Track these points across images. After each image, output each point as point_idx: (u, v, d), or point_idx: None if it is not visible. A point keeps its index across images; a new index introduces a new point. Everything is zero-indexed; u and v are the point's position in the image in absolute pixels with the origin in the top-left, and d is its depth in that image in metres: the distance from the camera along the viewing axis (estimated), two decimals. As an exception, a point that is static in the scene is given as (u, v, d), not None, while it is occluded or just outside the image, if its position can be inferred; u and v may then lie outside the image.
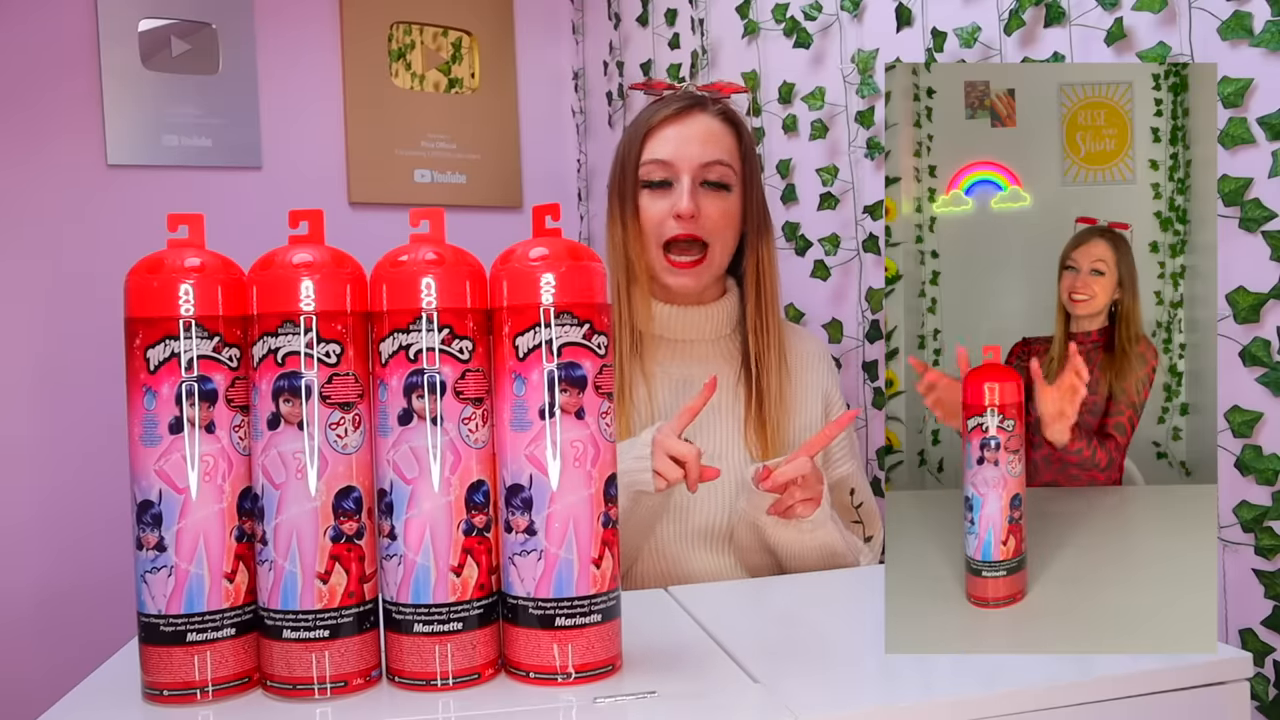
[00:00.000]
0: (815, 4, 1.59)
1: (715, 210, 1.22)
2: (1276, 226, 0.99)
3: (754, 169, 1.27)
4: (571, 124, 2.49)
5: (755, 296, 1.26)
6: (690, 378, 1.24)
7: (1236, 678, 0.71)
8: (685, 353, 1.26)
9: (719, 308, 1.28)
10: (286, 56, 2.24)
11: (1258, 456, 1.01)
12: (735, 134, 1.25)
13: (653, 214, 1.22)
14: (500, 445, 0.72)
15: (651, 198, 1.23)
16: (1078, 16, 1.17)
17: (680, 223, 1.20)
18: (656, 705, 0.67)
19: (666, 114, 1.23)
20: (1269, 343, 1.00)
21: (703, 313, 1.27)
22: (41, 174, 2.04)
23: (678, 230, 1.21)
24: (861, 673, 0.74)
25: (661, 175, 1.22)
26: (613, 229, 1.25)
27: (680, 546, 1.18)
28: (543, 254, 0.71)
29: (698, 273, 1.23)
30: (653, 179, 1.22)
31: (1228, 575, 1.04)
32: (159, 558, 0.69)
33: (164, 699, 0.70)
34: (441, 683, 0.70)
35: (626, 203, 1.24)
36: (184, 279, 0.69)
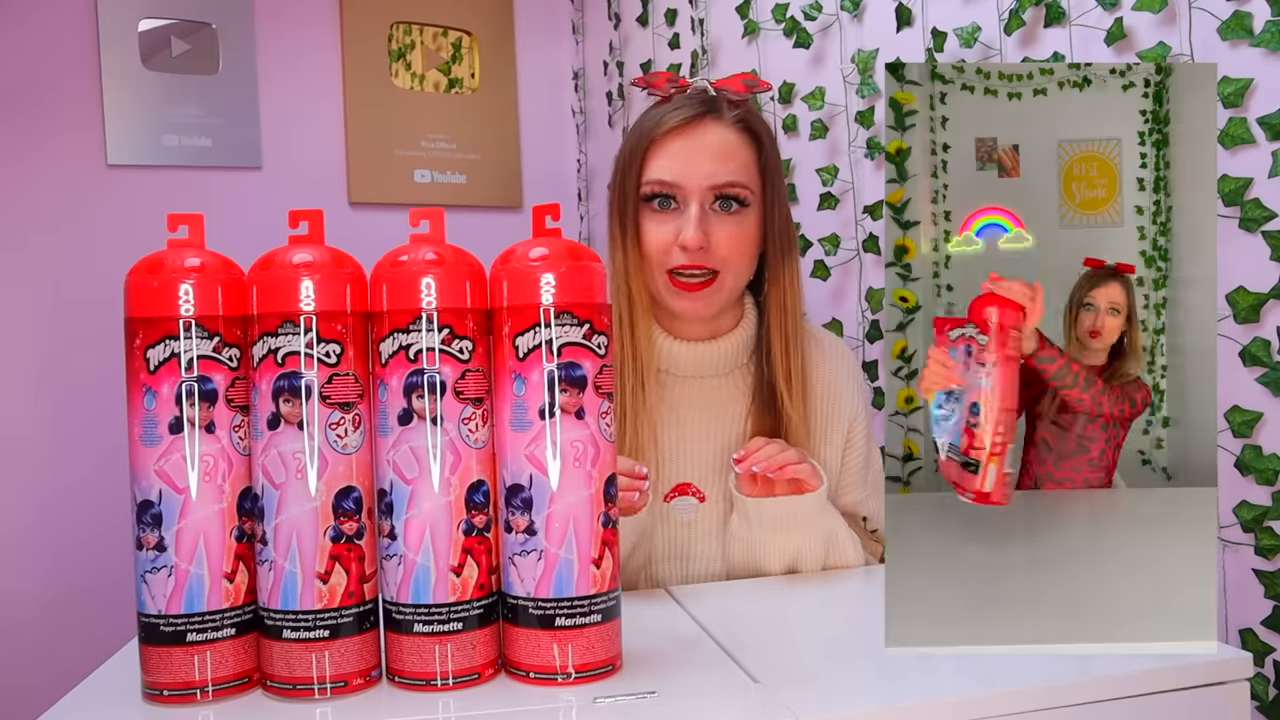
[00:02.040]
0: (815, 4, 1.59)
1: (728, 236, 1.07)
2: (1276, 226, 0.99)
3: (777, 186, 1.11)
4: (571, 124, 2.49)
5: (778, 325, 1.12)
6: (702, 419, 1.13)
7: (1236, 678, 0.71)
8: (696, 389, 1.13)
9: (733, 341, 1.13)
10: (286, 56, 2.24)
11: (1258, 456, 1.01)
12: (755, 146, 1.09)
13: (656, 240, 1.08)
14: (500, 445, 0.72)
15: (655, 220, 1.08)
16: (1078, 16, 1.17)
17: (687, 254, 1.06)
18: (656, 705, 0.67)
19: (673, 124, 1.07)
20: (1269, 343, 1.00)
21: (715, 349, 1.13)
22: (41, 174, 2.04)
23: (684, 260, 1.07)
24: (861, 673, 0.74)
25: (666, 192, 1.07)
26: (614, 254, 1.11)
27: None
28: (543, 254, 0.71)
29: (706, 297, 1.08)
30: (656, 195, 1.08)
31: (1228, 575, 1.04)
32: (159, 558, 0.69)
33: (164, 699, 0.70)
34: (441, 683, 0.70)
35: (627, 226, 1.09)
36: (184, 279, 0.69)
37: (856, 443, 1.18)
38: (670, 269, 1.08)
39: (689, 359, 1.13)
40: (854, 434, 1.18)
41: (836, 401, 1.17)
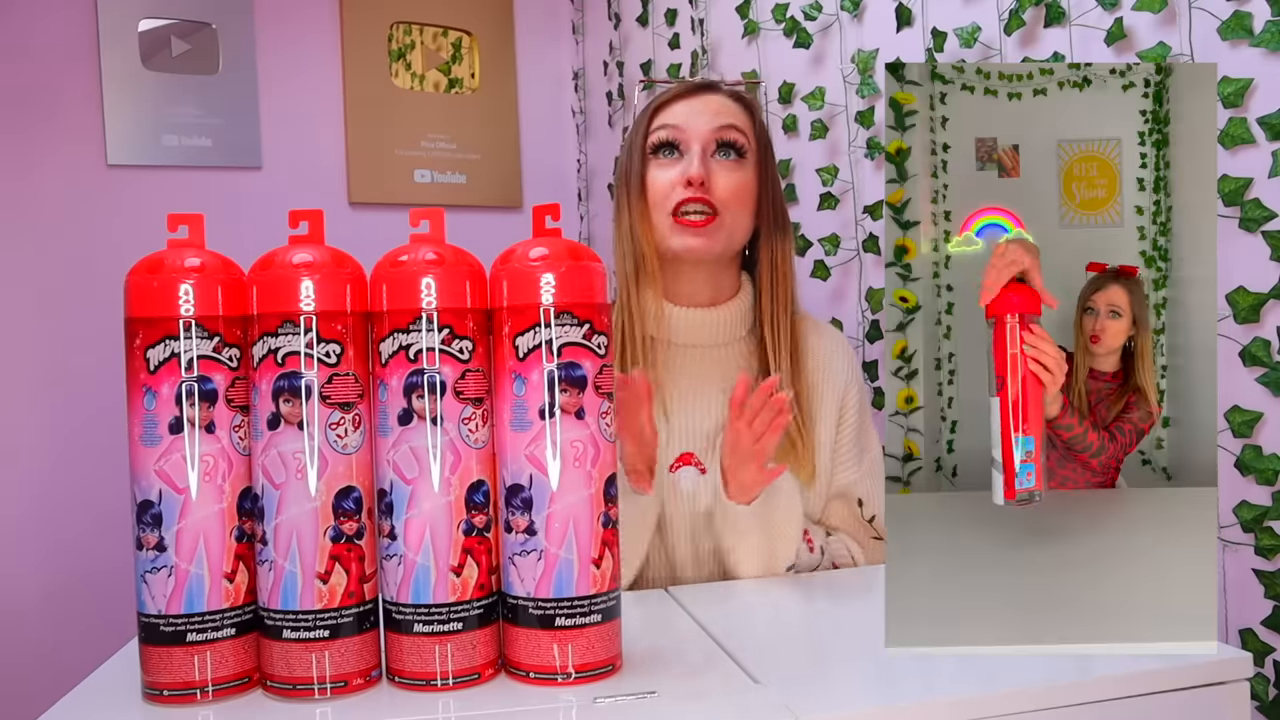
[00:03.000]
0: (815, 4, 1.59)
1: (727, 181, 1.13)
2: (1276, 226, 0.99)
3: (769, 159, 1.18)
4: (571, 124, 2.49)
5: (770, 296, 1.17)
6: (703, 389, 1.15)
7: (1236, 678, 0.71)
8: (697, 359, 1.17)
9: (731, 310, 1.18)
10: (286, 56, 2.24)
11: (1258, 456, 1.01)
12: (749, 114, 1.18)
13: (660, 183, 1.14)
14: (500, 445, 0.72)
15: (659, 167, 1.14)
16: (1078, 16, 1.17)
17: (690, 189, 1.11)
18: (656, 705, 0.67)
19: (677, 91, 1.17)
20: (1269, 343, 1.00)
21: (715, 315, 1.17)
22: (41, 174, 2.04)
23: (687, 194, 1.12)
24: (861, 673, 0.74)
25: (670, 138, 1.14)
26: (620, 217, 1.17)
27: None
28: (543, 254, 0.71)
29: (709, 233, 1.12)
30: (661, 143, 1.14)
31: (1228, 575, 1.04)
32: (159, 558, 0.69)
33: (164, 699, 0.70)
34: (441, 683, 0.70)
35: (633, 181, 1.15)
36: (184, 279, 0.69)
37: (848, 418, 1.20)
38: (675, 206, 1.12)
39: (690, 325, 1.16)
40: (846, 408, 1.19)
41: (828, 376, 1.19)
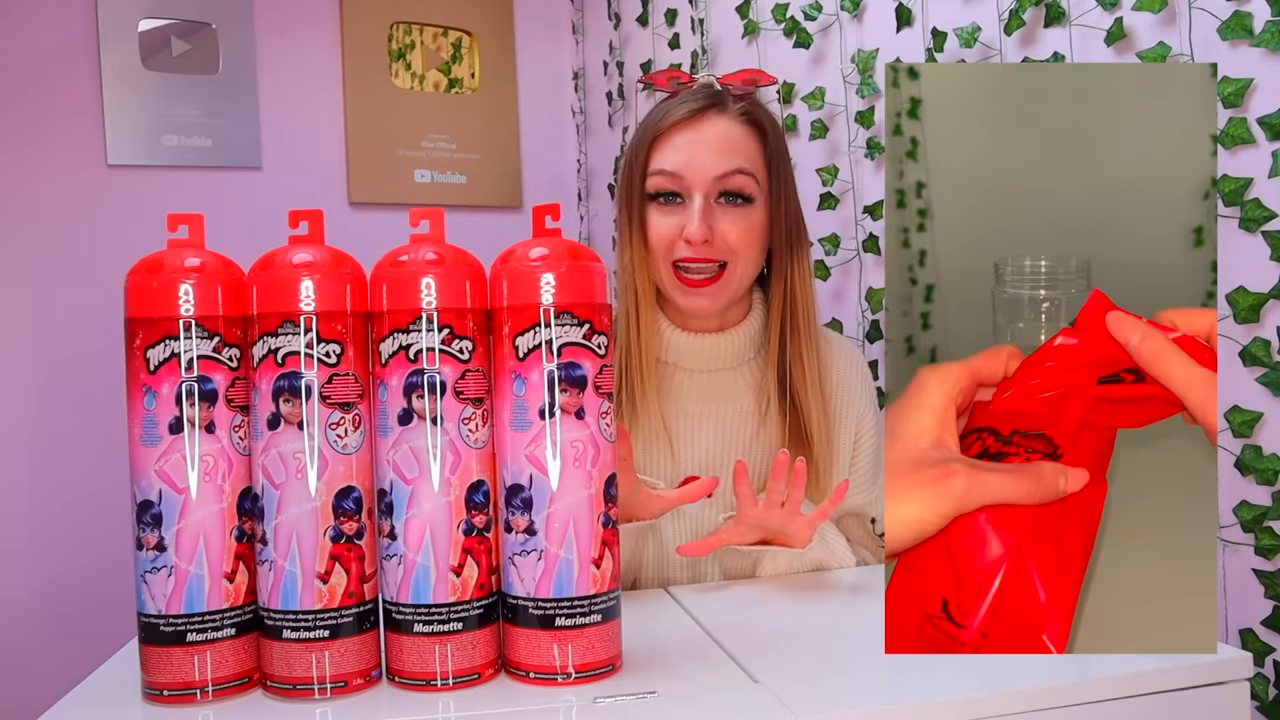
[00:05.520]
0: (815, 4, 1.59)
1: (733, 229, 1.06)
2: (1276, 226, 0.99)
3: (784, 177, 1.09)
4: (571, 124, 2.49)
5: (789, 323, 1.11)
6: (710, 413, 1.12)
7: (1236, 678, 0.71)
8: (703, 382, 1.12)
9: (741, 333, 1.13)
10: (286, 56, 2.24)
11: (1258, 456, 1.01)
12: (760, 138, 1.08)
13: (662, 232, 1.07)
14: (500, 445, 0.72)
15: (660, 213, 1.07)
16: (1078, 16, 1.17)
17: (691, 248, 1.05)
18: (656, 705, 0.67)
19: (677, 117, 1.06)
20: (1269, 343, 1.00)
21: (723, 340, 1.12)
22: (41, 174, 2.04)
23: (689, 254, 1.06)
24: (861, 673, 0.74)
25: (670, 188, 1.06)
26: (623, 251, 1.10)
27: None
28: (543, 254, 0.71)
29: (713, 292, 1.07)
30: (660, 190, 1.07)
31: (1228, 575, 1.04)
32: (159, 558, 0.69)
33: (164, 699, 0.70)
34: (441, 683, 0.70)
35: (634, 221, 1.09)
36: (184, 279, 0.69)
37: (865, 443, 1.18)
38: (675, 261, 1.07)
39: (696, 351, 1.12)
40: (862, 433, 1.17)
41: (846, 400, 1.16)
